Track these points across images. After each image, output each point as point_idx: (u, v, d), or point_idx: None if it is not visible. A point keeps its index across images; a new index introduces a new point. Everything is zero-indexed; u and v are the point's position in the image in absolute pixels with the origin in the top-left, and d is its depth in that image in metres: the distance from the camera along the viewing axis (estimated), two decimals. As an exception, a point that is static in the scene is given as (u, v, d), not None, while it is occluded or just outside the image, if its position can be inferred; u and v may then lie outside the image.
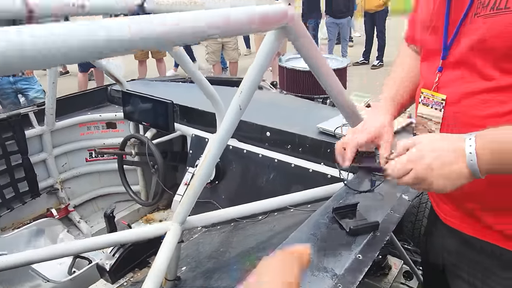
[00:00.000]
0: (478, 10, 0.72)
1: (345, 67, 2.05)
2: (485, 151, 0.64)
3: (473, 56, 0.74)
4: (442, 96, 0.81)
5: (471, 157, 0.64)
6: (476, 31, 0.72)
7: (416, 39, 0.95)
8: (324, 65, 0.87)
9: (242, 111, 0.87)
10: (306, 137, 1.43)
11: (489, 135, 0.66)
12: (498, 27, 0.68)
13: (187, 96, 1.90)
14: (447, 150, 0.67)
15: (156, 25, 0.50)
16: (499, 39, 0.69)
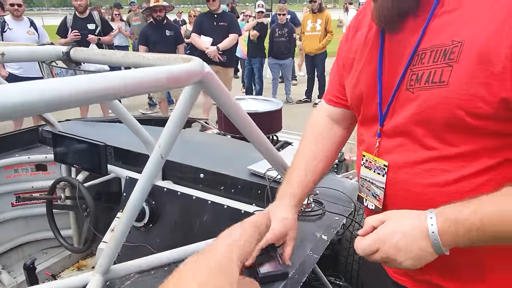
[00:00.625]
0: (412, 83, 0.74)
1: (280, 109, 2.15)
2: (447, 229, 0.66)
3: (412, 126, 0.75)
4: (385, 162, 0.81)
5: (434, 237, 0.66)
6: (412, 103, 0.74)
7: (344, 103, 0.98)
8: (240, 112, 0.93)
9: (163, 160, 0.89)
10: (238, 179, 1.47)
11: (449, 213, 0.67)
12: (434, 99, 0.70)
13: (122, 137, 1.88)
14: (412, 229, 0.68)
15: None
16: (437, 111, 0.70)
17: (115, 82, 0.55)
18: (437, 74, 0.70)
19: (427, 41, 0.73)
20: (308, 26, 6.59)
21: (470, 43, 0.67)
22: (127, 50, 8.82)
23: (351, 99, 0.91)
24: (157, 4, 5.06)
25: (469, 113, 0.68)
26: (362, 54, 0.86)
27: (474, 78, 0.66)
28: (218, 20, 4.95)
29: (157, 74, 0.64)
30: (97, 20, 5.17)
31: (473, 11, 0.68)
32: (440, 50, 0.70)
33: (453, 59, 0.68)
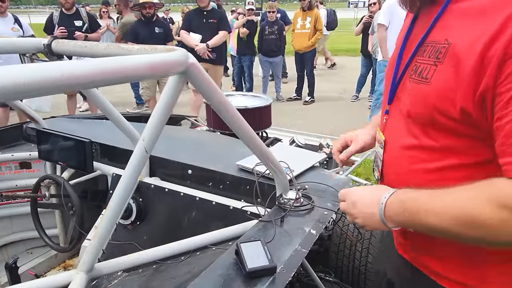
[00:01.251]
0: (411, 73, 0.79)
1: (269, 105, 2.13)
2: (392, 205, 0.76)
3: (406, 112, 0.81)
4: (384, 137, 0.90)
5: (381, 207, 0.77)
6: (409, 92, 0.80)
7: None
8: (226, 104, 0.91)
9: (148, 154, 0.87)
10: (227, 175, 1.45)
11: (403, 193, 0.75)
12: (419, 93, 0.75)
13: (109, 133, 1.85)
14: (371, 196, 0.81)
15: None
16: (420, 105, 0.76)
17: (94, 69, 0.52)
18: (426, 70, 0.74)
19: (433, 35, 0.76)
20: (298, 24, 6.57)
21: (454, 47, 0.69)
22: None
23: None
24: (147, 1, 5.01)
25: (442, 113, 0.71)
26: (399, 37, 0.92)
27: (447, 82, 0.69)
28: (208, 17, 4.91)
29: (138, 62, 0.61)
30: (84, 17, 5.10)
31: (473, 17, 0.69)
32: (436, 46, 0.73)
33: (439, 59, 0.71)
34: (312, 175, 1.43)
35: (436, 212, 0.68)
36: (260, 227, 1.06)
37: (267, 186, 1.33)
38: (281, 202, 1.18)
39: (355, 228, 1.75)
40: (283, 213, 1.11)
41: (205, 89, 0.84)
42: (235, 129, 0.98)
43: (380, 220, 0.77)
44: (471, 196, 0.65)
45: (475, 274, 0.78)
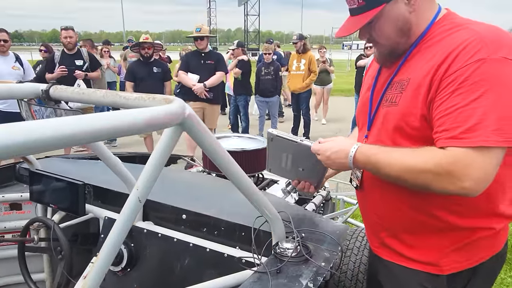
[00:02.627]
0: (384, 102, 1.14)
1: (265, 148, 2.13)
2: (359, 157, 1.08)
3: (379, 130, 1.15)
4: None
5: (350, 159, 1.09)
6: (381, 115, 1.14)
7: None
8: (222, 152, 0.90)
9: (142, 203, 0.85)
10: (222, 220, 1.42)
11: (367, 149, 1.08)
12: (390, 113, 1.09)
13: (103, 175, 1.82)
14: (342, 151, 1.11)
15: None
16: (390, 121, 1.09)
17: (88, 126, 0.52)
18: (393, 97, 1.09)
19: (397, 77, 1.12)
20: (294, 66, 6.78)
21: (414, 79, 1.04)
22: (114, 86, 8.87)
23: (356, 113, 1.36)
24: (145, 41, 5.14)
25: (407, 124, 1.04)
26: (366, 83, 1.31)
27: (411, 102, 1.03)
28: (206, 59, 5.03)
29: (135, 118, 0.61)
30: (85, 56, 5.21)
31: (425, 59, 1.04)
32: (399, 83, 1.09)
33: (403, 88, 1.06)
34: (308, 222, 1.40)
35: (390, 163, 1.00)
36: (255, 279, 1.02)
37: (262, 233, 1.30)
38: (277, 251, 1.15)
39: (353, 276, 1.70)
40: (280, 265, 1.07)
41: (202, 139, 0.84)
42: (232, 178, 0.97)
43: (348, 166, 1.11)
44: (416, 155, 0.98)
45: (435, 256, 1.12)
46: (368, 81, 1.29)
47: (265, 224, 1.26)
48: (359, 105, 1.32)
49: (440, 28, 1.06)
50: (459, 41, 0.97)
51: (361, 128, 1.29)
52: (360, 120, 1.30)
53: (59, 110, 1.15)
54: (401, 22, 1.07)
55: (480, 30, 0.97)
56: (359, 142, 1.20)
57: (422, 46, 1.07)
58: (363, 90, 1.32)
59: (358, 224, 3.05)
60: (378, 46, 1.15)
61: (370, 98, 1.21)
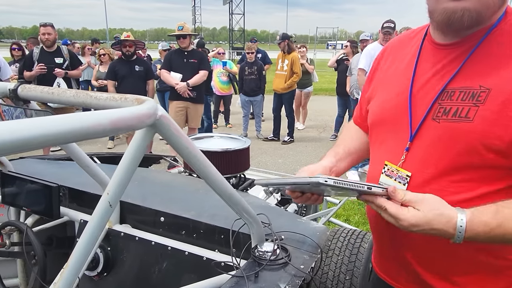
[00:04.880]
0: (439, 115, 0.89)
1: (247, 148, 2.11)
2: (474, 228, 0.79)
3: (434, 149, 0.90)
4: (407, 173, 0.94)
5: (460, 230, 0.79)
6: (437, 130, 0.89)
7: (365, 126, 1.18)
8: (197, 154, 0.88)
9: (113, 208, 0.82)
10: (200, 223, 1.39)
11: (484, 215, 0.79)
12: (459, 131, 0.85)
13: (79, 176, 1.77)
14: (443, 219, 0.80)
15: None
16: (458, 142, 0.85)
17: (46, 129, 0.49)
18: (464, 111, 0.85)
19: (457, 82, 0.88)
20: (278, 65, 6.75)
21: (497, 91, 0.82)
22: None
23: (376, 116, 1.07)
24: (127, 39, 5.05)
25: (486, 147, 0.82)
26: (390, 84, 1.05)
27: (495, 120, 0.81)
28: (188, 57, 4.98)
29: (99, 119, 0.58)
30: (65, 54, 5.09)
31: (500, 61, 0.84)
32: (469, 92, 0.85)
33: (480, 101, 0.83)
34: (288, 223, 1.39)
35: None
36: (232, 284, 1.00)
37: (242, 235, 1.28)
38: (256, 255, 1.13)
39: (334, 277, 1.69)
40: (258, 268, 1.05)
41: (175, 141, 0.81)
42: (208, 181, 0.94)
43: (453, 239, 0.80)
44: None
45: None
46: (397, 77, 1.02)
47: (245, 226, 1.24)
48: (381, 104, 1.06)
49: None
50: None
51: (387, 138, 1.02)
52: (386, 124, 1.03)
53: (29, 110, 1.10)
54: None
55: None
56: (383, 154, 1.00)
57: (494, 39, 0.86)
58: (387, 87, 1.05)
59: (340, 224, 3.07)
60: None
61: (409, 102, 0.96)
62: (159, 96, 7.06)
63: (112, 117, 0.59)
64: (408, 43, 1.06)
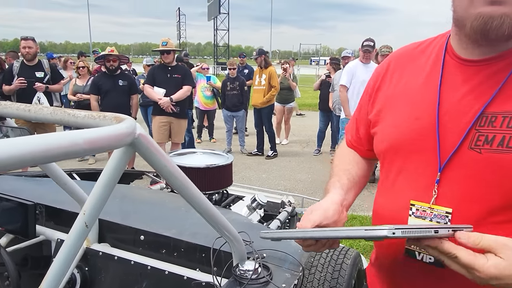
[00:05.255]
0: (478, 143, 0.76)
1: (230, 164, 2.11)
2: None
3: (477, 183, 0.76)
4: (447, 209, 0.79)
5: None
6: (478, 162, 0.76)
7: (362, 150, 1.08)
8: (176, 173, 0.87)
9: (89, 228, 0.80)
10: (181, 241, 1.37)
11: None
12: (508, 164, 0.72)
13: (57, 193, 1.73)
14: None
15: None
16: (506, 177, 0.72)
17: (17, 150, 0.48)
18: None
19: (498, 105, 0.75)
20: (256, 81, 6.84)
21: None
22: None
23: (389, 142, 0.92)
24: (111, 53, 5.03)
25: None
26: (404, 104, 0.89)
27: None
28: (172, 73, 4.98)
29: (75, 139, 0.57)
30: (46, 68, 5.02)
31: None
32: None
33: None
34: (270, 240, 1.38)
35: None
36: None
37: (223, 254, 1.26)
38: (237, 273, 1.12)
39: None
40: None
41: (154, 160, 0.80)
42: (188, 199, 0.93)
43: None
44: None
45: None
46: (413, 97, 0.88)
47: (226, 244, 1.22)
48: (396, 129, 0.90)
49: None
50: None
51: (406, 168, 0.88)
52: (403, 151, 0.88)
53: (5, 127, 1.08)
54: None
55: None
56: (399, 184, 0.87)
57: None
58: (400, 108, 0.90)
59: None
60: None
61: (437, 127, 0.82)
62: (142, 110, 7.01)
63: (88, 137, 0.58)
64: (419, 56, 0.93)
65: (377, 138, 0.98)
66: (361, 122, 1.07)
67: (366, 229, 0.66)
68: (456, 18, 0.79)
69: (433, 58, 0.89)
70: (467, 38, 0.79)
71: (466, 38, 0.79)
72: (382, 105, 0.96)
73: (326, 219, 0.85)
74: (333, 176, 1.03)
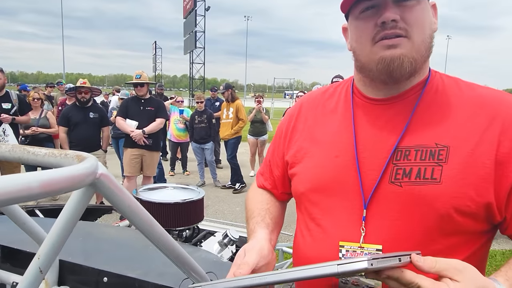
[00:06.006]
0: (398, 177, 0.79)
1: (201, 198, 2.07)
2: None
3: (400, 216, 0.78)
4: (377, 246, 0.80)
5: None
6: (400, 195, 0.78)
7: (277, 193, 1.06)
8: (141, 213, 0.84)
9: (43, 274, 0.75)
10: (148, 282, 1.31)
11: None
12: (428, 194, 0.76)
13: (15, 233, 1.64)
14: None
15: None
16: (428, 206, 0.76)
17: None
18: (428, 171, 0.77)
19: (409, 140, 0.81)
20: (224, 114, 6.96)
21: (456, 149, 0.76)
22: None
23: (310, 183, 0.92)
24: (83, 85, 4.97)
25: (458, 210, 0.74)
26: (321, 145, 0.92)
27: (463, 179, 0.74)
28: (145, 105, 4.96)
29: (29, 182, 0.55)
30: (14, 99, 4.89)
31: (455, 120, 0.79)
32: (426, 150, 0.78)
33: (442, 160, 0.76)
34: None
35: None
36: None
37: (191, 295, 1.22)
38: (204, 318, 1.07)
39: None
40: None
41: (116, 200, 0.77)
42: (153, 240, 0.90)
43: None
44: None
45: None
46: (330, 137, 0.91)
47: (194, 285, 1.18)
48: (316, 169, 0.91)
49: (441, 79, 0.86)
50: (506, 102, 0.78)
51: (330, 209, 0.88)
52: (326, 191, 0.88)
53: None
54: (431, 31, 0.82)
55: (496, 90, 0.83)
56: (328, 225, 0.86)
57: (433, 99, 0.83)
58: (319, 148, 0.92)
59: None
60: (402, 42, 0.78)
61: (357, 164, 0.84)
62: (114, 142, 6.88)
63: (45, 179, 0.56)
64: (329, 100, 0.98)
65: (296, 179, 0.97)
66: (276, 164, 1.06)
67: (339, 263, 0.60)
68: (361, 66, 0.86)
69: (342, 100, 0.95)
70: (374, 80, 0.85)
71: (372, 81, 0.86)
72: (299, 146, 0.97)
73: (263, 259, 0.83)
74: (255, 216, 1.01)
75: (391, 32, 0.77)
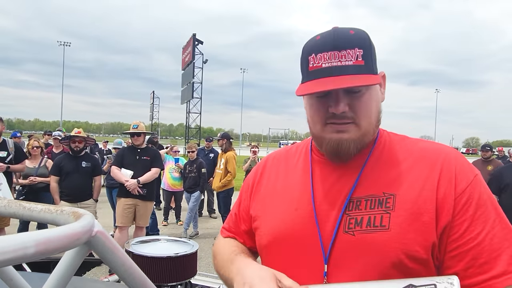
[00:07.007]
0: (351, 226, 0.83)
1: (194, 252, 2.03)
2: None
3: (357, 265, 0.81)
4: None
5: None
6: (355, 244, 0.82)
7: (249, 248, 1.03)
8: (135, 272, 0.82)
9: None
10: None
11: None
12: (378, 241, 0.80)
13: None
14: None
15: None
16: (380, 253, 0.79)
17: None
18: (377, 219, 0.81)
19: (360, 191, 0.86)
20: (218, 163, 6.96)
21: (401, 196, 0.82)
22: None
23: (272, 236, 0.93)
24: (77, 135, 5.00)
25: (408, 255, 0.78)
26: (282, 199, 0.95)
27: (410, 225, 0.79)
28: (141, 155, 4.98)
29: (25, 243, 0.54)
30: (10, 148, 4.89)
31: (400, 170, 0.86)
32: (375, 199, 0.83)
33: (389, 207, 0.81)
34: None
35: None
36: None
37: None
38: None
39: None
40: None
41: (110, 259, 0.76)
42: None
43: None
44: None
45: None
46: (291, 191, 0.95)
47: None
48: (277, 222, 0.93)
49: (388, 136, 0.95)
50: (443, 153, 0.86)
51: (293, 257, 0.89)
52: (288, 243, 0.90)
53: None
54: (378, 108, 0.91)
55: (436, 143, 0.92)
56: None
57: (381, 153, 0.90)
58: (280, 202, 0.95)
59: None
60: (349, 128, 0.86)
61: (315, 216, 0.88)
62: (107, 192, 6.81)
63: (41, 238, 0.56)
64: (291, 157, 1.04)
65: (259, 232, 0.98)
66: (242, 218, 1.07)
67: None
68: (313, 135, 0.94)
69: (302, 157, 1.01)
70: (325, 153, 0.93)
71: (325, 153, 0.93)
72: (262, 200, 1.00)
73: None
74: (230, 255, 0.98)
75: (341, 121, 0.85)
